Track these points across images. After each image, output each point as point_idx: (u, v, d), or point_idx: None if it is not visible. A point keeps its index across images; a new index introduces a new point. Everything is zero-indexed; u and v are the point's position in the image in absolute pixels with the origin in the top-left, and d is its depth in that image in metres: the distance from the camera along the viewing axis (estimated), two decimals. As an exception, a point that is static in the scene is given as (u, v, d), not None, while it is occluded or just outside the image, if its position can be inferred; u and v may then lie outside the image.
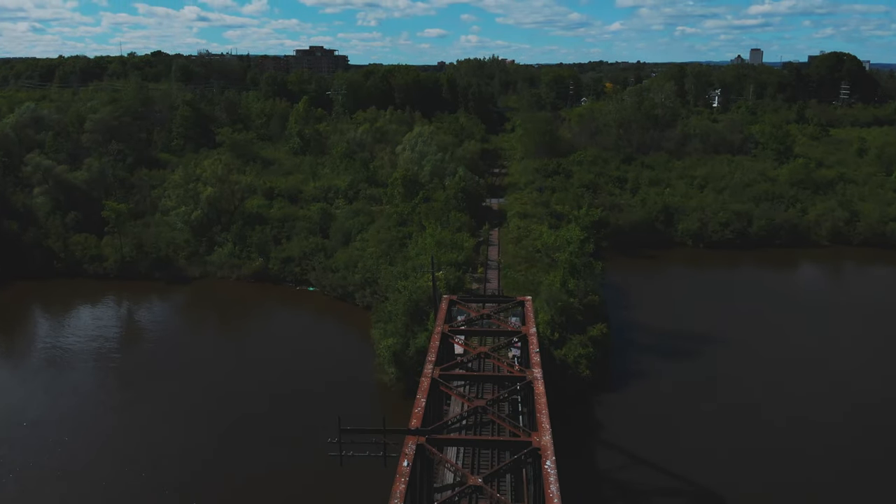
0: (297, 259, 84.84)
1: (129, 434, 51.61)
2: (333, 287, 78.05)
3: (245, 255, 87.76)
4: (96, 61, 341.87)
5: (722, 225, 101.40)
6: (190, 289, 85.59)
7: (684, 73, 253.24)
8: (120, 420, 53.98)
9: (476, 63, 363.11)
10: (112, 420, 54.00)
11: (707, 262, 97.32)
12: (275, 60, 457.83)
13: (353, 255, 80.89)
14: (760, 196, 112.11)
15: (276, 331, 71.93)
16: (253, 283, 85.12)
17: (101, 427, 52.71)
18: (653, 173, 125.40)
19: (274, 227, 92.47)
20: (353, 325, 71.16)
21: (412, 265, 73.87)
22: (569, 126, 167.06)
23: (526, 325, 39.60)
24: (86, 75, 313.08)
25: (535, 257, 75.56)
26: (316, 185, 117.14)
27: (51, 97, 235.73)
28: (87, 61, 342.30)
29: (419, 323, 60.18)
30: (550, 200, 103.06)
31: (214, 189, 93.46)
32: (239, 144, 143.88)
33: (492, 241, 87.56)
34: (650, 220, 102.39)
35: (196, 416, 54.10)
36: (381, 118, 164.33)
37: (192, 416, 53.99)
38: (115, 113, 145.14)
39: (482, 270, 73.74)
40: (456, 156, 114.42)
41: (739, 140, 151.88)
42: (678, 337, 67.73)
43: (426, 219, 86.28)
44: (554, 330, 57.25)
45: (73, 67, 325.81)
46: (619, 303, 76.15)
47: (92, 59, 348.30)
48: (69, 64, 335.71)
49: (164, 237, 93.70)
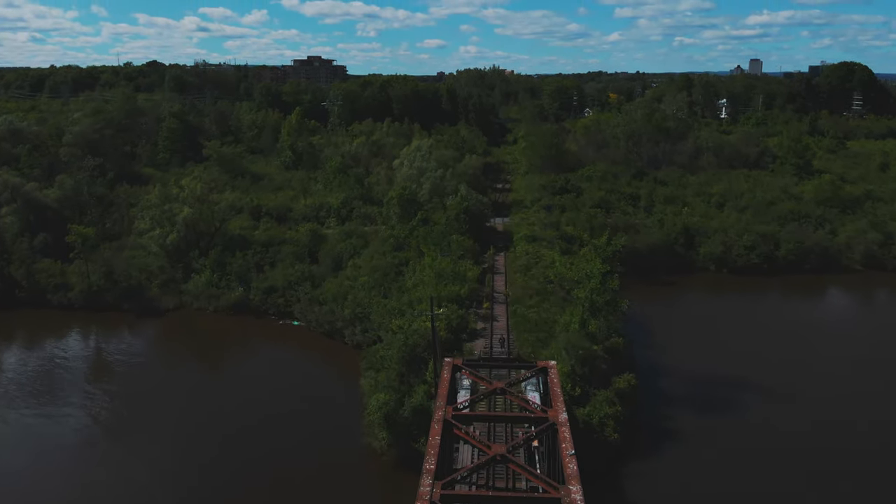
0: (280, 289, 76.31)
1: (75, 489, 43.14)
2: (320, 322, 69.48)
3: (224, 283, 79.29)
4: (88, 71, 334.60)
5: (747, 248, 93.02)
6: (161, 323, 77.04)
7: (691, 84, 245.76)
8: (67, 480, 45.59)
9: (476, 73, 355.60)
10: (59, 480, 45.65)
11: (733, 289, 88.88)
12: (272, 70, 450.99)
13: (343, 286, 72.41)
14: (786, 216, 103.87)
15: (253, 373, 63.23)
16: (232, 316, 76.55)
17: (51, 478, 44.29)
18: (667, 190, 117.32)
19: (257, 252, 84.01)
20: (341, 369, 62.55)
21: (409, 299, 65.55)
22: (574, 138, 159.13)
23: (554, 408, 30.76)
24: (77, 85, 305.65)
25: (546, 289, 67.17)
26: (306, 202, 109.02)
27: (40, 108, 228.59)
28: (79, 71, 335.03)
29: (416, 373, 51.77)
30: (560, 221, 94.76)
31: (192, 210, 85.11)
32: (227, 158, 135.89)
33: (497, 269, 79.14)
34: (669, 242, 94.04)
35: (150, 481, 45.59)
36: (378, 131, 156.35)
37: (145, 481, 45.48)
38: (96, 125, 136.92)
39: (488, 305, 65.20)
40: (457, 171, 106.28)
41: (755, 154, 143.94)
42: (712, 384, 59.22)
43: (425, 243, 77.99)
44: (575, 384, 48.74)
45: (64, 77, 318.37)
46: (640, 340, 67.64)
47: (84, 69, 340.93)
48: (60, 74, 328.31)
49: (138, 263, 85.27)
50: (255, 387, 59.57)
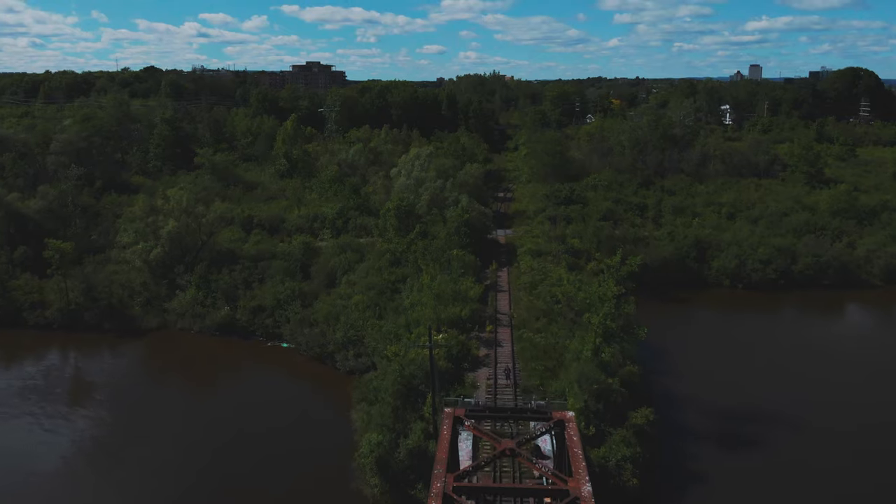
0: (269, 308, 71.53)
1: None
2: (310, 345, 64.67)
3: (210, 301, 74.53)
4: (83, 77, 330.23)
5: (762, 263, 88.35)
6: (142, 345, 72.26)
7: (695, 90, 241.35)
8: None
9: (476, 79, 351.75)
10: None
11: (749, 306, 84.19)
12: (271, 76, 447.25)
13: (336, 306, 67.63)
14: (801, 228, 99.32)
15: (236, 403, 58.23)
16: (217, 337, 71.76)
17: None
18: (675, 199, 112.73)
19: (245, 267, 79.22)
20: (332, 399, 57.67)
21: (405, 320, 60.89)
22: (578, 145, 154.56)
23: (574, 477, 25.67)
24: (72, 91, 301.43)
25: (554, 310, 62.48)
26: (300, 213, 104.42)
27: (33, 114, 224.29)
28: (74, 76, 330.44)
29: (412, 407, 47.09)
30: (565, 233, 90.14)
31: (178, 223, 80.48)
32: (219, 167, 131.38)
33: (500, 286, 74.39)
34: (681, 256, 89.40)
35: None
36: (376, 138, 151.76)
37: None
38: (84, 132, 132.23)
39: (491, 329, 60.40)
40: (457, 181, 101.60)
41: (765, 162, 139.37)
42: (735, 415, 54.56)
43: (423, 259, 73.31)
44: (589, 422, 44.04)
45: (59, 83, 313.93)
46: (654, 364, 62.94)
47: (79, 75, 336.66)
48: (55, 80, 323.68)
49: (120, 278, 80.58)
50: (237, 419, 54.73)
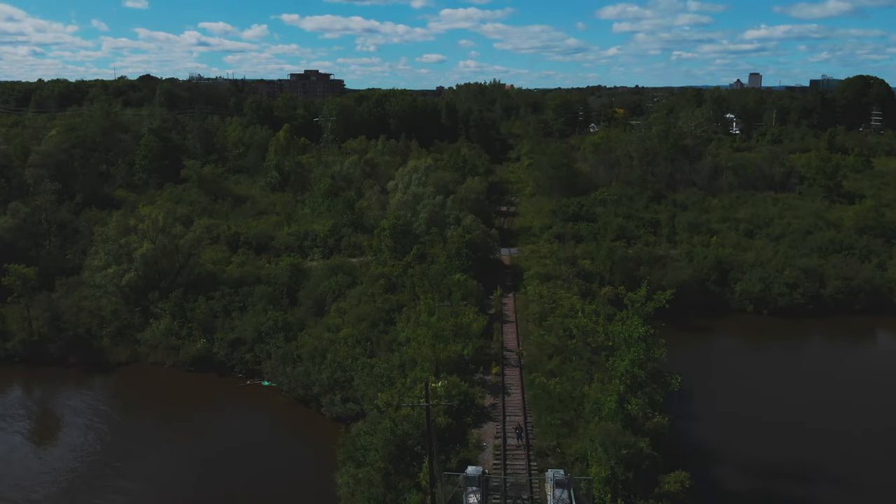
0: (249, 342, 64.49)
1: None
2: (293, 385, 57.60)
3: (186, 332, 67.59)
4: (76, 85, 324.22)
5: (789, 286, 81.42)
6: (110, 381, 65.21)
7: (702, 98, 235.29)
8: None
9: (476, 87, 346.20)
10: None
11: (776, 334, 77.24)
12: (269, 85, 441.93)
13: (322, 340, 60.51)
14: (826, 247, 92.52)
15: (201, 457, 50.97)
16: (192, 373, 64.73)
17: None
18: (689, 215, 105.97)
19: (226, 293, 72.17)
20: (315, 451, 50.47)
21: (400, 359, 53.98)
22: (583, 157, 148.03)
23: None
24: (65, 100, 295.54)
25: (568, 346, 55.54)
26: (290, 230, 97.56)
27: (24, 123, 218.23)
28: (67, 85, 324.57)
29: (406, 472, 40.13)
30: (575, 254, 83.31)
31: (153, 244, 73.62)
32: (207, 180, 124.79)
33: (506, 315, 67.34)
34: (701, 278, 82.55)
35: None
36: (372, 149, 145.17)
37: None
38: (64, 144, 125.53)
39: (498, 370, 53.35)
40: (457, 196, 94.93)
41: (780, 174, 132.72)
42: (773, 470, 47.72)
43: (420, 285, 66.37)
44: (616, 494, 37.03)
45: (51, 92, 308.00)
46: (678, 405, 55.83)
47: (72, 83, 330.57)
48: (47, 88, 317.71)
49: (89, 305, 73.62)
50: (202, 477, 47.69)
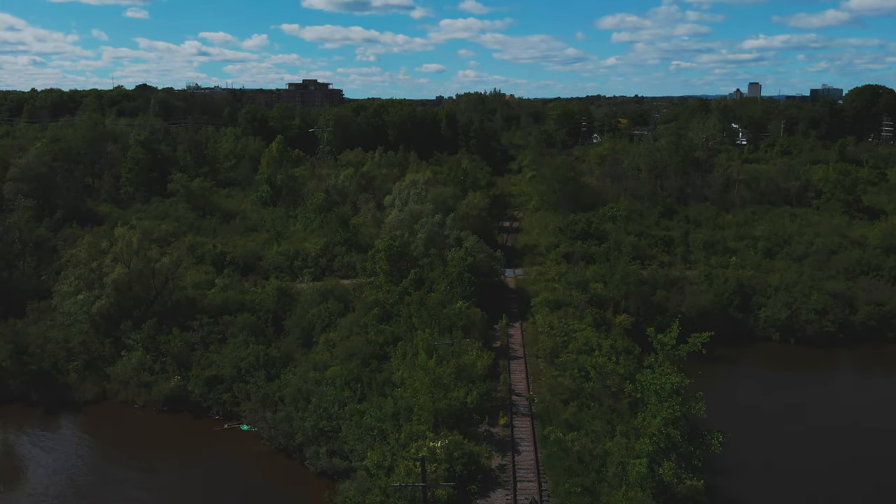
0: (227, 380, 58.09)
1: None
2: (274, 433, 51.16)
3: (159, 367, 61.26)
4: (70, 95, 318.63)
5: (818, 313, 75.18)
6: (77, 421, 58.80)
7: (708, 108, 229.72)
8: None
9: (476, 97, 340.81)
10: None
11: (807, 366, 70.94)
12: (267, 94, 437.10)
13: (307, 381, 54.06)
14: (853, 268, 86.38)
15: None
16: (165, 413, 58.35)
17: None
18: (704, 232, 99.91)
19: (205, 323, 65.75)
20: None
21: (393, 406, 47.63)
22: (589, 169, 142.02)
23: None
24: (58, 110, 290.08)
25: (585, 389, 49.26)
26: (279, 249, 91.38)
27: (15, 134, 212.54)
28: (60, 94, 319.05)
29: (401, 556, 33.69)
30: (586, 277, 77.05)
31: (126, 268, 67.36)
32: (195, 194, 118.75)
33: (513, 349, 60.96)
34: (722, 304, 76.28)
35: None
36: (369, 161, 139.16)
37: None
38: (45, 156, 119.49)
39: (506, 421, 46.87)
40: (458, 213, 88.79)
41: (796, 188, 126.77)
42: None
43: (418, 315, 60.01)
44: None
45: (43, 102, 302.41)
46: (709, 455, 49.43)
47: (66, 93, 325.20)
48: (40, 98, 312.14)
49: (57, 335, 67.32)
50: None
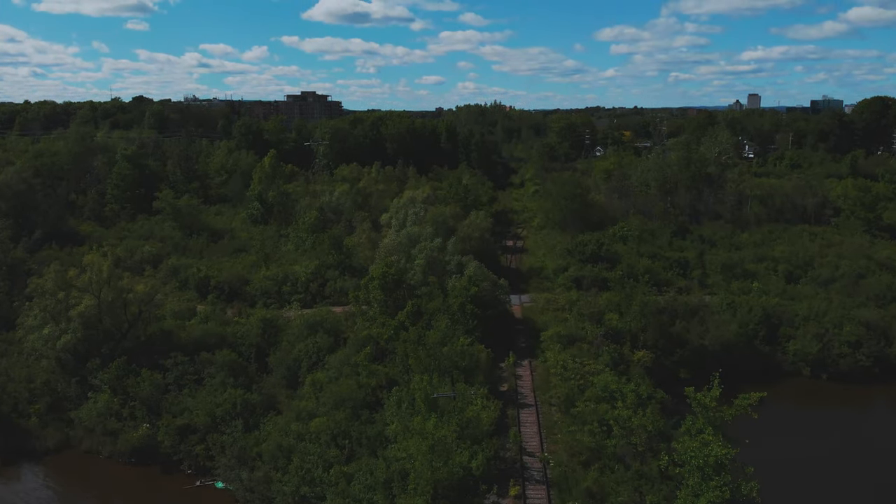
0: (201, 429, 51.78)
1: None
2: (251, 495, 44.83)
3: (128, 412, 55.00)
4: (63, 107, 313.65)
5: (851, 346, 68.96)
6: (36, 473, 52.46)
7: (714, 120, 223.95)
8: None
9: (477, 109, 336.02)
10: None
11: (842, 405, 64.67)
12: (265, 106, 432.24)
13: (289, 435, 47.77)
14: (884, 294, 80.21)
15: None
16: (132, 466, 52.02)
17: None
18: (721, 254, 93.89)
19: (180, 361, 59.53)
20: None
21: (385, 470, 41.31)
22: (595, 185, 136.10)
23: None
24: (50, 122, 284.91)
25: (607, 449, 42.99)
26: (267, 273, 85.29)
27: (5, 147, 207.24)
28: (53, 106, 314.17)
29: None
30: (600, 307, 70.79)
31: (96, 299, 61.23)
32: (182, 212, 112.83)
33: (522, 394, 54.56)
34: (748, 336, 70.02)
35: None
36: (366, 176, 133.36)
37: None
38: (26, 172, 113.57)
39: (517, 490, 40.55)
40: (459, 235, 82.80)
41: (813, 205, 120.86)
42: None
43: (415, 356, 53.70)
44: None
45: (36, 114, 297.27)
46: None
47: (59, 105, 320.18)
48: (33, 110, 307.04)
49: (19, 374, 61.15)
50: None
